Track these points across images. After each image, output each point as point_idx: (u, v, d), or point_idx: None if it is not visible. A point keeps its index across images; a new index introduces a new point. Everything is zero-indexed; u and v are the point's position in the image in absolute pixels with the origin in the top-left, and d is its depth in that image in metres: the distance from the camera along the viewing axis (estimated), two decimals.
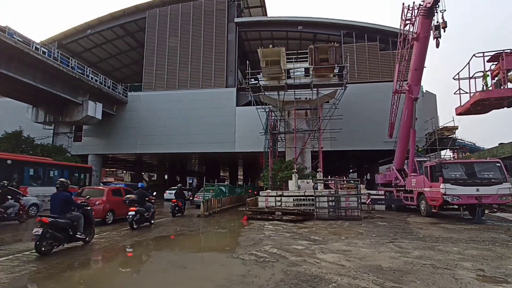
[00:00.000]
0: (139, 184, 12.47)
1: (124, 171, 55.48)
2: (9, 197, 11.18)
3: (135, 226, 10.10)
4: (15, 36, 17.45)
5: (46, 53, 19.56)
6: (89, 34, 29.02)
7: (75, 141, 26.22)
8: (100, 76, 24.76)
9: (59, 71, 19.98)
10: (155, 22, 28.07)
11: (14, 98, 22.62)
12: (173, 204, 14.08)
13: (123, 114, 27.17)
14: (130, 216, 10.01)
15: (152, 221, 11.31)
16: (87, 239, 7.34)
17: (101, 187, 13.73)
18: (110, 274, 5.46)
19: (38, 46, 19.22)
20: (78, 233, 6.99)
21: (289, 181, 16.65)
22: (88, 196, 8.69)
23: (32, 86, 19.32)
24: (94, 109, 23.29)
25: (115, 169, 52.17)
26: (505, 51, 11.61)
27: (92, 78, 23.53)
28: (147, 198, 11.08)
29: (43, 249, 6.19)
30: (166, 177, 46.73)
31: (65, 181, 7.06)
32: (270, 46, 20.36)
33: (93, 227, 7.73)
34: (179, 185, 17.15)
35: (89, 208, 7.58)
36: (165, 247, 7.95)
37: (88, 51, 31.63)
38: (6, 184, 11.36)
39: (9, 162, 14.01)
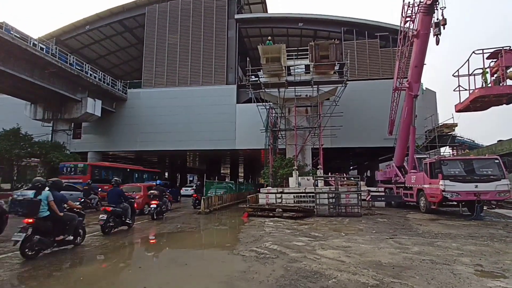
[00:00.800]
0: (158, 181, 14.12)
1: None
2: (91, 192, 15.00)
3: (155, 217, 11.78)
4: (12, 32, 17.37)
5: (44, 50, 19.47)
6: (87, 30, 28.88)
7: (74, 138, 26.17)
8: (99, 72, 24.69)
9: (58, 68, 19.91)
10: (154, 18, 27.95)
11: (12, 95, 22.56)
12: (194, 198, 16.53)
13: (123, 111, 27.13)
14: (152, 209, 11.78)
15: (164, 214, 12.66)
16: (131, 224, 9.39)
17: (139, 184, 16.26)
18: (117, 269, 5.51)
19: (36, 42, 19.13)
20: (127, 219, 9.14)
21: (290, 178, 16.70)
22: (133, 191, 12.47)
23: (30, 83, 19.25)
24: (93, 106, 23.23)
25: None
26: (504, 48, 11.62)
27: (91, 74, 23.45)
28: (164, 194, 12.70)
29: (106, 230, 8.30)
30: (166, 174, 46.75)
31: (118, 180, 9.40)
32: (269, 38, 20.39)
33: (134, 216, 9.81)
34: (198, 182, 19.57)
35: (133, 200, 9.84)
36: (166, 244, 7.99)
37: (86, 48, 31.47)
38: (90, 183, 15.49)
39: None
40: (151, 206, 11.90)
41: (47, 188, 6.17)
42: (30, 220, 5.74)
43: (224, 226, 10.68)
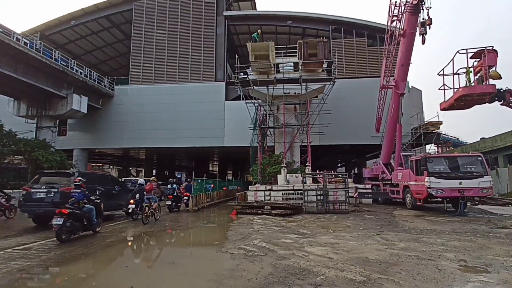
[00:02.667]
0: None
1: (111, 166, 54.57)
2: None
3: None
4: None
5: (28, 45, 18.90)
6: (73, 25, 28.12)
7: (59, 135, 25.52)
8: (85, 68, 24.12)
9: (42, 63, 19.35)
10: (142, 14, 27.46)
11: None
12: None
13: (110, 108, 26.62)
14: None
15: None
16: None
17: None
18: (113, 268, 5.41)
19: (19, 37, 18.53)
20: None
21: (278, 176, 16.74)
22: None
23: (13, 79, 18.62)
24: (79, 103, 22.69)
25: (101, 164, 51.24)
26: (487, 48, 11.93)
27: (77, 70, 22.87)
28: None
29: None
30: (154, 172, 46.23)
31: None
32: (259, 31, 20.30)
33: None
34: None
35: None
36: (154, 243, 7.91)
37: (72, 43, 30.66)
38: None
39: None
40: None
41: None
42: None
43: (213, 224, 10.64)
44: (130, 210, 11.06)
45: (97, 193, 9.51)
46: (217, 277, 4.53)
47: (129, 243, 7.82)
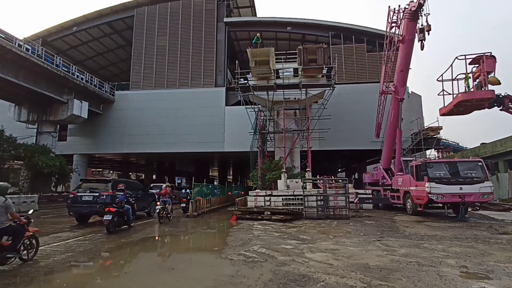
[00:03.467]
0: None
1: (111, 171, 54.50)
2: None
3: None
4: None
5: (30, 50, 19.03)
6: (75, 31, 28.39)
7: (59, 140, 25.60)
8: (86, 74, 24.27)
9: (43, 69, 19.47)
10: (143, 20, 27.69)
11: None
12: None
13: (110, 113, 26.70)
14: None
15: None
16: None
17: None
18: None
19: (21, 43, 18.69)
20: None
21: (278, 181, 16.69)
22: None
23: (14, 84, 18.75)
24: (80, 108, 22.78)
25: (101, 169, 51.22)
26: (486, 54, 11.99)
27: (78, 76, 23.02)
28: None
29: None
30: (154, 177, 46.18)
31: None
32: (258, 34, 20.42)
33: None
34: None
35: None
36: (153, 248, 7.87)
37: (73, 49, 30.93)
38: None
39: None
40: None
41: None
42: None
43: (213, 230, 10.59)
44: (157, 211, 12.26)
45: (133, 196, 11.29)
46: (217, 284, 4.50)
47: (128, 249, 7.78)
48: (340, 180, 16.71)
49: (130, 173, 49.56)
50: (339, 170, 49.36)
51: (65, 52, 30.06)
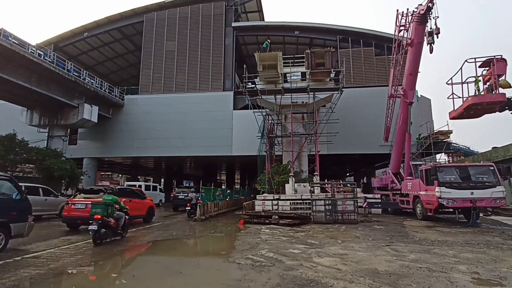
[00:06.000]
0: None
1: (120, 175, 55.11)
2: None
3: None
4: (10, 39, 17.34)
5: (42, 56, 19.44)
6: (86, 37, 28.94)
7: (70, 144, 26.00)
8: (96, 79, 24.66)
9: (55, 74, 19.87)
10: (152, 25, 28.09)
11: (8, 100, 22.42)
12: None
13: (120, 117, 27.05)
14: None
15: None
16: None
17: None
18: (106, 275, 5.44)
19: (33, 49, 19.11)
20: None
21: (286, 185, 16.67)
22: None
23: (27, 89, 19.16)
24: (90, 112, 23.14)
25: (110, 173, 51.80)
26: (496, 57, 11.83)
27: (88, 81, 23.40)
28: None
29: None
30: (162, 180, 46.50)
31: None
32: (268, 40, 20.59)
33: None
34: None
35: None
36: (161, 252, 7.91)
37: (84, 54, 31.51)
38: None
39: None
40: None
41: None
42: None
43: (220, 233, 10.60)
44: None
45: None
46: (224, 287, 4.49)
47: (135, 252, 7.84)
48: (348, 184, 16.57)
49: (139, 177, 49.99)
50: (348, 174, 48.95)
51: (76, 58, 30.65)
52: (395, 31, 16.10)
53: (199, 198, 15.55)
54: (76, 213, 10.62)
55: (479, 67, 12.31)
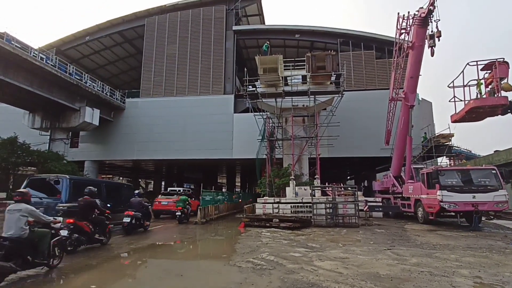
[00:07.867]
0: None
1: (121, 178, 55.05)
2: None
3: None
4: (13, 42, 17.44)
5: (44, 60, 19.54)
6: (87, 40, 29.09)
7: (71, 147, 26.07)
8: (98, 82, 24.76)
9: (57, 77, 19.96)
10: (153, 29, 28.23)
11: (11, 104, 22.52)
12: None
13: (121, 120, 27.11)
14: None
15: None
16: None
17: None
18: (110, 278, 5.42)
19: (36, 53, 19.22)
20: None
21: (287, 188, 16.63)
22: None
23: (29, 92, 19.25)
24: (91, 115, 23.20)
25: (111, 176, 51.79)
26: (498, 60, 11.82)
27: (90, 84, 23.49)
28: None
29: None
30: (163, 183, 46.47)
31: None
32: (268, 42, 20.64)
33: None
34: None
35: None
36: (161, 255, 7.89)
37: (86, 58, 31.67)
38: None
39: None
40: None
41: None
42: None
43: (221, 237, 10.57)
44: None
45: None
46: None
47: (136, 255, 7.81)
48: (349, 188, 16.53)
49: (140, 180, 49.98)
50: (348, 177, 48.82)
51: (78, 61, 30.80)
52: (396, 34, 16.13)
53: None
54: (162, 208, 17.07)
55: (481, 70, 12.30)
